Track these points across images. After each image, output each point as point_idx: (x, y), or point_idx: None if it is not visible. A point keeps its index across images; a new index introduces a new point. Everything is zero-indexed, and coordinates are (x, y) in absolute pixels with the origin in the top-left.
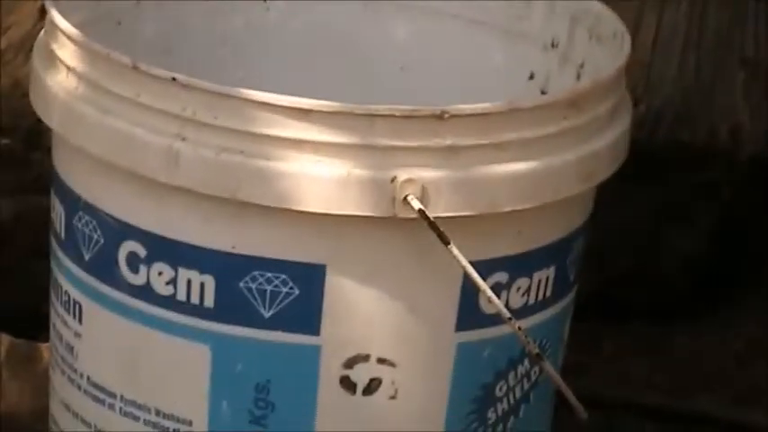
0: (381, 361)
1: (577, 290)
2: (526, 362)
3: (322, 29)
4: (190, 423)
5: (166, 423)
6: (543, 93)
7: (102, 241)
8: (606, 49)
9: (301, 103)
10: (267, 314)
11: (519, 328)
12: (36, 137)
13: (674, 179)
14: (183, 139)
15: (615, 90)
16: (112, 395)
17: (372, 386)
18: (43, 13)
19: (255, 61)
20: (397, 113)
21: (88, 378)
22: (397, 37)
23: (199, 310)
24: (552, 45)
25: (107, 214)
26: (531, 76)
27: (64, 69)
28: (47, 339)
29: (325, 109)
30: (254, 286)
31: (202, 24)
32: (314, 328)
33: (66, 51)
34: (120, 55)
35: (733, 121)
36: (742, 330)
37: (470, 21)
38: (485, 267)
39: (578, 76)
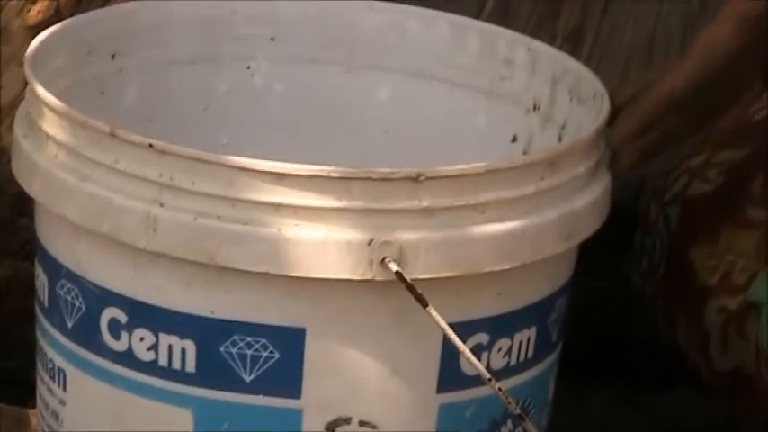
0: (363, 423)
1: (562, 349)
2: (509, 422)
3: (306, 93)
4: None
5: None
6: (526, 154)
7: (84, 308)
8: (587, 110)
9: (277, 168)
10: (248, 378)
11: (500, 389)
12: (23, 203)
13: None
14: (161, 205)
15: (594, 150)
16: None
17: None
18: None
19: (239, 126)
20: (374, 176)
21: None
22: (380, 100)
23: (180, 375)
24: (534, 107)
25: (88, 281)
26: (514, 139)
27: (44, 137)
28: (35, 405)
29: (301, 173)
30: (234, 351)
31: (185, 90)
32: (295, 392)
33: (46, 119)
34: (98, 122)
35: None
36: None
37: (453, 83)
38: (465, 329)
39: (560, 138)
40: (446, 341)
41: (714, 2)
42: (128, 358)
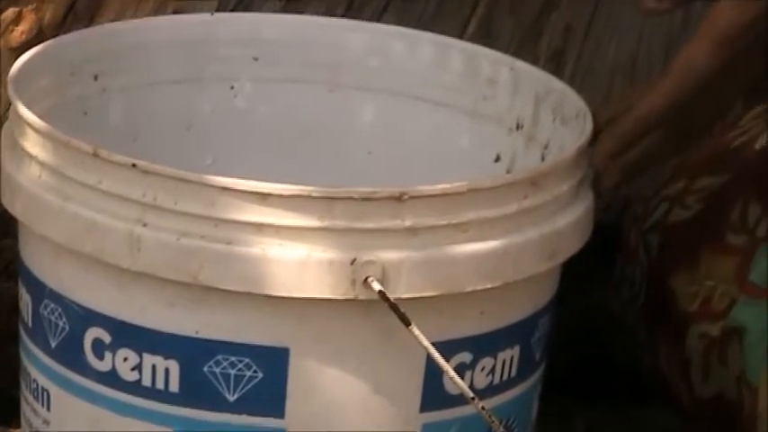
0: None
1: (546, 368)
2: None
3: (289, 113)
4: None
5: None
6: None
7: (67, 328)
8: (570, 130)
9: (260, 187)
10: (232, 398)
11: (483, 408)
12: (6, 224)
13: None
14: (145, 225)
15: (577, 169)
16: None
17: None
18: (10, 102)
19: (223, 146)
20: (356, 196)
21: None
22: (363, 120)
23: (164, 395)
24: (517, 126)
25: (72, 301)
26: (497, 158)
27: (27, 158)
28: (20, 425)
29: (283, 192)
30: (218, 370)
31: (169, 111)
32: (279, 411)
33: (29, 140)
34: (81, 142)
35: None
36: None
37: (436, 103)
38: (448, 348)
39: (543, 157)
40: (429, 360)
41: (697, 22)
42: (111, 378)
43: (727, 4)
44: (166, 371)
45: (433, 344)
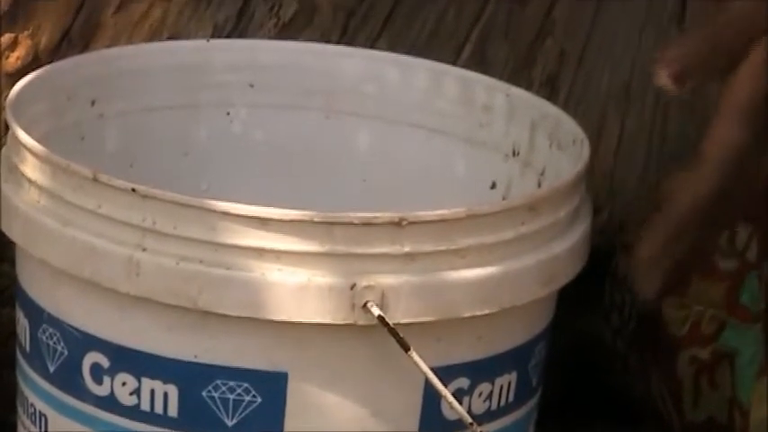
0: None
1: (542, 392)
2: None
3: (285, 139)
4: None
5: None
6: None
7: (66, 353)
8: (566, 156)
9: (260, 212)
10: (230, 423)
11: None
12: (3, 248)
13: None
14: (144, 249)
15: (574, 195)
16: None
17: None
18: (7, 126)
19: (219, 172)
20: (356, 221)
21: None
22: (359, 147)
23: (163, 420)
24: (513, 153)
25: (70, 326)
26: (493, 185)
27: (25, 182)
28: None
29: (283, 217)
30: (216, 395)
31: (165, 136)
32: None
33: (28, 164)
34: (80, 166)
35: None
36: None
37: (432, 130)
38: (446, 373)
39: (539, 184)
40: (428, 385)
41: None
42: (110, 403)
43: (744, 74)
44: (165, 395)
45: (432, 369)
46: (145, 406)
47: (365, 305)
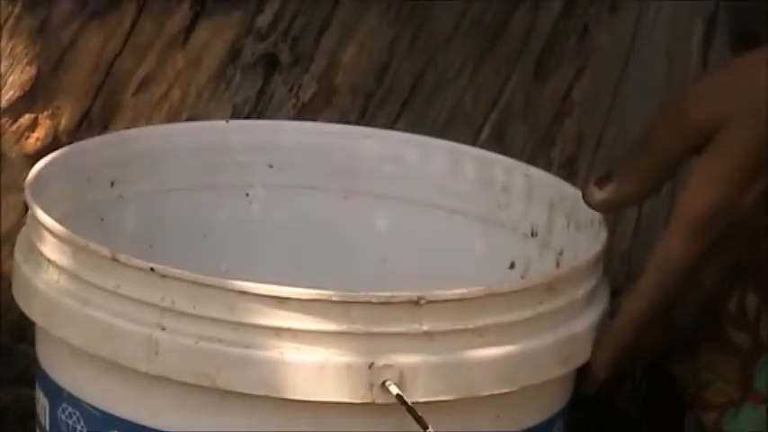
0: None
1: None
2: None
3: (304, 220)
4: None
5: None
6: None
7: None
8: (584, 236)
9: (279, 291)
10: None
11: None
12: (23, 329)
13: None
14: (163, 329)
15: (592, 275)
16: None
17: None
18: (27, 207)
19: (238, 253)
20: (374, 300)
21: None
22: (377, 227)
23: None
24: (532, 233)
25: (90, 405)
26: (512, 265)
27: (45, 262)
28: None
29: (302, 297)
30: None
31: (184, 217)
32: None
33: (47, 244)
34: (100, 246)
35: None
36: None
37: (451, 210)
38: None
39: (557, 264)
40: None
41: None
42: None
43: (693, 190)
44: None
45: None
46: None
47: (383, 384)
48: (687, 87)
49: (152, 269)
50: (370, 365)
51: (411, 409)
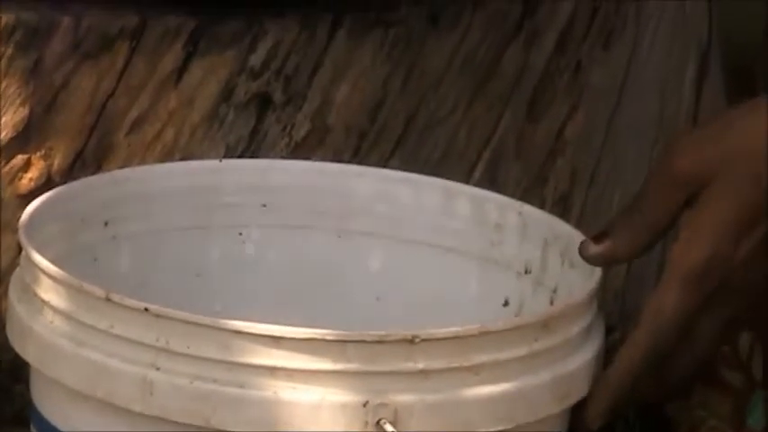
0: None
1: None
2: None
3: (297, 259)
4: None
5: None
6: None
7: None
8: (578, 274)
9: (273, 331)
10: None
11: None
12: (18, 370)
13: None
14: (157, 369)
15: (586, 313)
16: None
17: None
18: (20, 248)
19: (232, 293)
20: (369, 339)
21: None
22: (372, 266)
23: None
24: (526, 271)
25: None
26: (506, 303)
27: (39, 302)
28: None
29: (296, 336)
30: None
31: (178, 257)
32: None
33: (41, 285)
34: (94, 287)
35: None
36: None
37: (444, 249)
38: None
39: (551, 301)
40: None
41: None
42: None
43: (684, 244)
44: None
45: None
46: None
47: (378, 422)
48: (676, 142)
49: (146, 309)
50: (365, 404)
51: None
